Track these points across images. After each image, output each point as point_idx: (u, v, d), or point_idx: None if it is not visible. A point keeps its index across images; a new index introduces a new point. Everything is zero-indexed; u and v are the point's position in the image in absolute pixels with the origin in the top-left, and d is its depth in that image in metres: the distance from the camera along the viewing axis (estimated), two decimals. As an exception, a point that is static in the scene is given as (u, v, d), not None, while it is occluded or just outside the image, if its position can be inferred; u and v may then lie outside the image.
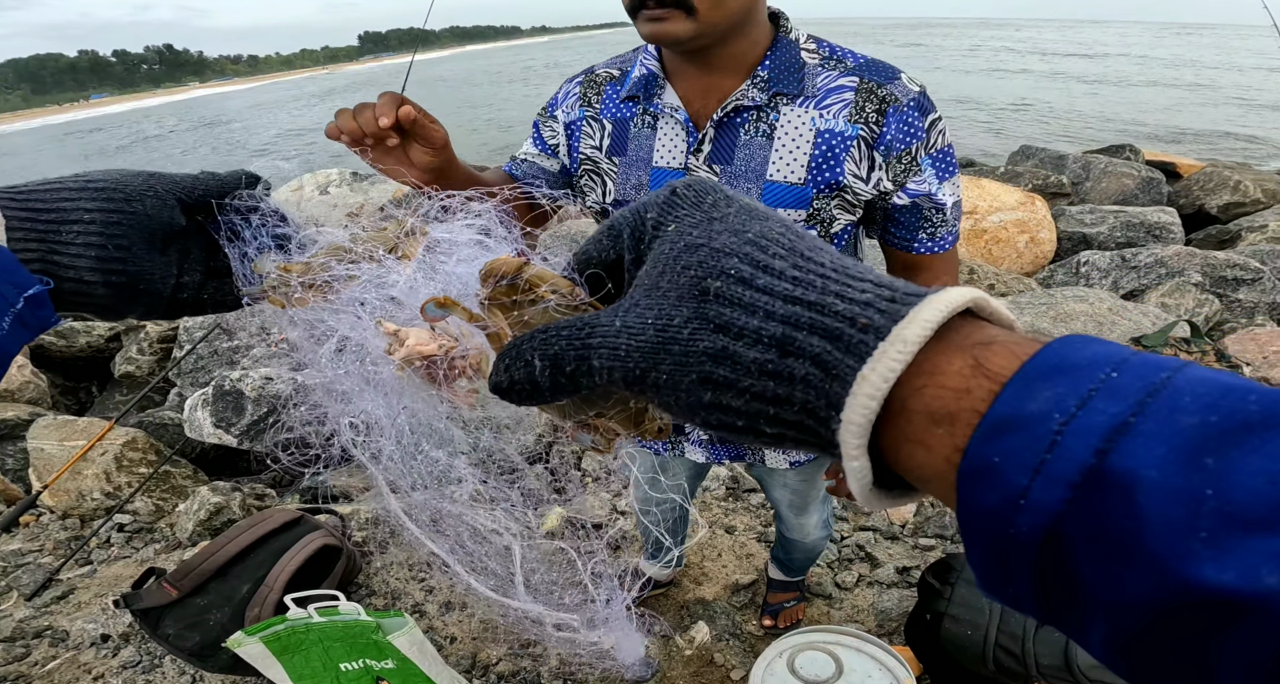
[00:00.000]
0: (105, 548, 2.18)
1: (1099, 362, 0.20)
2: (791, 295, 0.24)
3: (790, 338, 0.24)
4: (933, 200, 0.90)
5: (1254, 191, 4.71)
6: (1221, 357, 2.28)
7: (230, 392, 2.42)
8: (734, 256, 0.26)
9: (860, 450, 0.23)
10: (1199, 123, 13.88)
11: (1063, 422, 0.19)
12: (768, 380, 0.24)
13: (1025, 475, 0.19)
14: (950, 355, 0.22)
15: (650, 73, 0.92)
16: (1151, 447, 0.18)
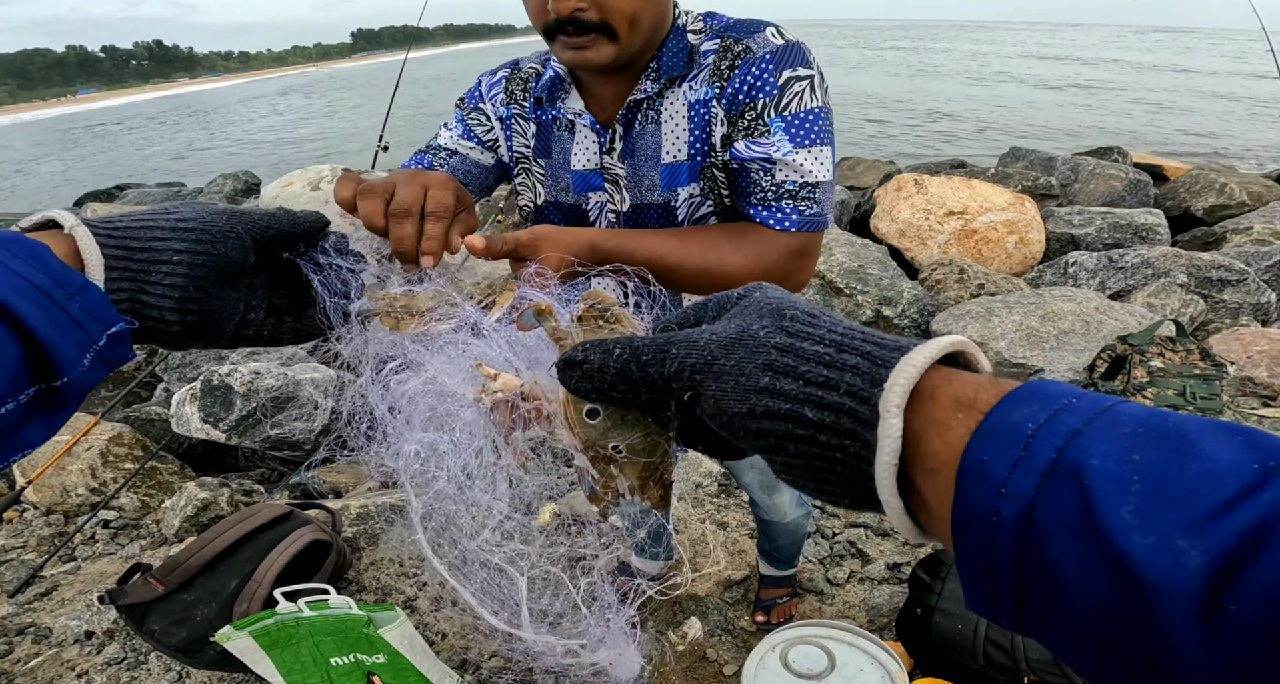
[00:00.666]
0: (90, 544, 2.16)
1: (1065, 393, 0.26)
2: (849, 326, 0.32)
3: (847, 342, 0.31)
4: (771, 170, 0.80)
5: (1239, 194, 4.78)
6: (1206, 356, 2.31)
7: (219, 386, 2.39)
8: (807, 307, 0.34)
9: (899, 410, 0.28)
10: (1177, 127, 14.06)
11: (1034, 428, 0.25)
12: (822, 368, 0.30)
13: (1006, 469, 0.24)
14: (967, 373, 0.30)
15: (557, 76, 0.91)
16: (1097, 445, 0.23)
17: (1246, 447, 0.22)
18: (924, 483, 0.28)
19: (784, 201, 0.82)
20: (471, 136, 0.99)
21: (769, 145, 0.80)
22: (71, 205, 8.99)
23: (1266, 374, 2.70)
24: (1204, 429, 0.23)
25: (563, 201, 0.97)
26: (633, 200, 0.92)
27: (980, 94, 21.06)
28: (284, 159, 16.44)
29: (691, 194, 0.90)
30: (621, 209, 0.94)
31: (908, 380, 0.28)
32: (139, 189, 9.05)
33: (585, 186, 0.94)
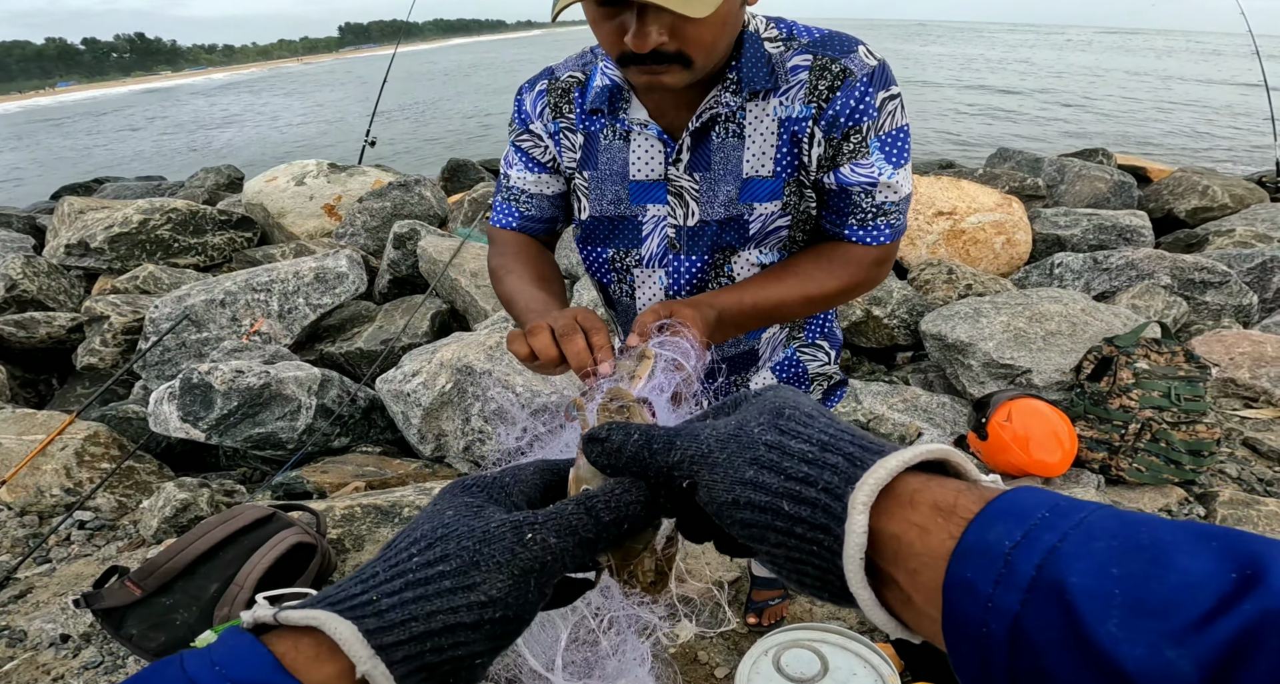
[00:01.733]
0: (65, 546, 2.10)
1: (1039, 505, 0.27)
2: (842, 427, 0.34)
3: (833, 442, 0.33)
4: (871, 191, 0.84)
5: (1222, 197, 4.84)
6: (1191, 357, 2.33)
7: (198, 384, 2.34)
8: (809, 407, 0.36)
9: (865, 507, 0.29)
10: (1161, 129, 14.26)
11: (1011, 546, 0.26)
12: (804, 465, 0.32)
13: (990, 585, 0.25)
14: (948, 479, 0.31)
15: (614, 84, 0.88)
16: (1074, 562, 0.24)
17: (1222, 554, 0.23)
18: (906, 581, 0.29)
19: (879, 219, 0.86)
20: (533, 165, 0.96)
21: (870, 167, 0.83)
22: (49, 199, 8.80)
23: (1248, 375, 2.73)
24: (1179, 539, 0.24)
25: (611, 215, 0.93)
26: (703, 216, 0.89)
27: (970, 93, 21.25)
28: (268, 153, 16.23)
29: (770, 210, 0.88)
30: (684, 224, 0.90)
31: (876, 481, 0.29)
32: (117, 182, 8.87)
33: (645, 198, 0.91)
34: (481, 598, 0.31)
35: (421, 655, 0.30)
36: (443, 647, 0.30)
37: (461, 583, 0.31)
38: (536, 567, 0.33)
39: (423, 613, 0.30)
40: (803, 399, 0.37)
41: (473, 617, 0.31)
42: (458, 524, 0.34)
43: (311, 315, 3.40)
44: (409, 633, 0.29)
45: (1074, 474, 2.23)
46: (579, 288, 3.37)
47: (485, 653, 0.32)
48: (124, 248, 4.37)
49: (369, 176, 5.54)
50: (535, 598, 0.34)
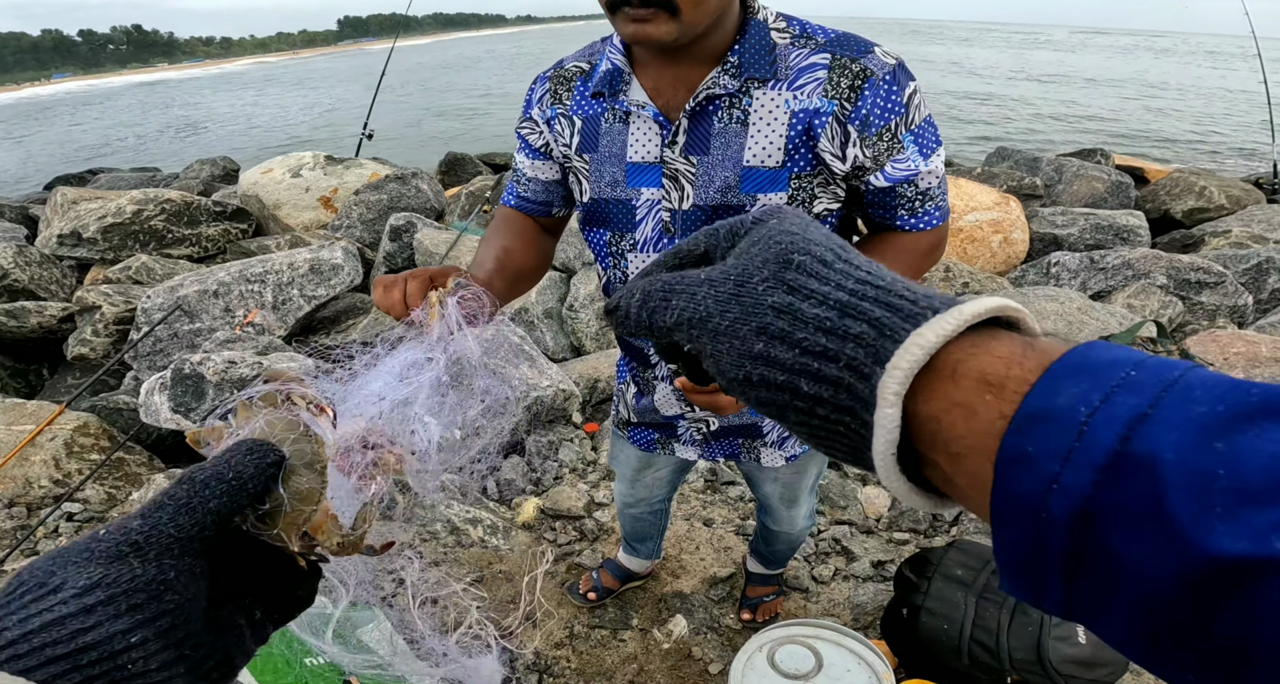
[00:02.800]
0: (53, 538, 2.08)
1: (1120, 362, 0.22)
2: (863, 278, 0.28)
3: (853, 304, 0.27)
4: (914, 181, 0.87)
5: (1219, 197, 4.85)
6: (1186, 357, 2.33)
7: (190, 375, 2.32)
8: (821, 246, 0.30)
9: (897, 398, 0.25)
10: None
11: (1089, 413, 0.21)
12: (821, 336, 0.27)
13: (1057, 462, 0.21)
14: (1000, 338, 0.25)
15: (615, 67, 0.89)
16: (1169, 433, 0.20)
17: None
18: (948, 466, 0.25)
19: (927, 204, 0.90)
20: (529, 151, 1.01)
21: (907, 160, 0.86)
22: (42, 189, 8.73)
23: (1243, 375, 2.74)
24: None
25: (609, 198, 0.94)
26: (697, 200, 0.89)
27: (971, 90, 21.25)
28: (264, 145, 16.14)
29: (775, 203, 0.87)
30: (679, 208, 0.91)
31: (911, 364, 0.25)
32: (111, 173, 8.80)
33: (639, 181, 0.92)
34: (73, 591, 0.29)
35: (41, 650, 0.28)
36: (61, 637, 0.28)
37: (44, 591, 0.29)
38: (124, 550, 0.31)
39: (13, 623, 0.28)
40: (813, 233, 0.31)
41: (73, 607, 0.29)
42: (29, 566, 0.32)
43: (306, 307, 3.38)
44: (4, 640, 0.28)
45: (1069, 473, 2.23)
46: (576, 281, 3.35)
47: (131, 630, 0.29)
48: (117, 238, 4.34)
49: (366, 169, 5.50)
50: (154, 570, 0.31)
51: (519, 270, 0.96)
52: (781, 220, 0.32)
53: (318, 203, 5.20)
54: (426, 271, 0.74)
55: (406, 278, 0.73)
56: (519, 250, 0.98)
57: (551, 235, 1.09)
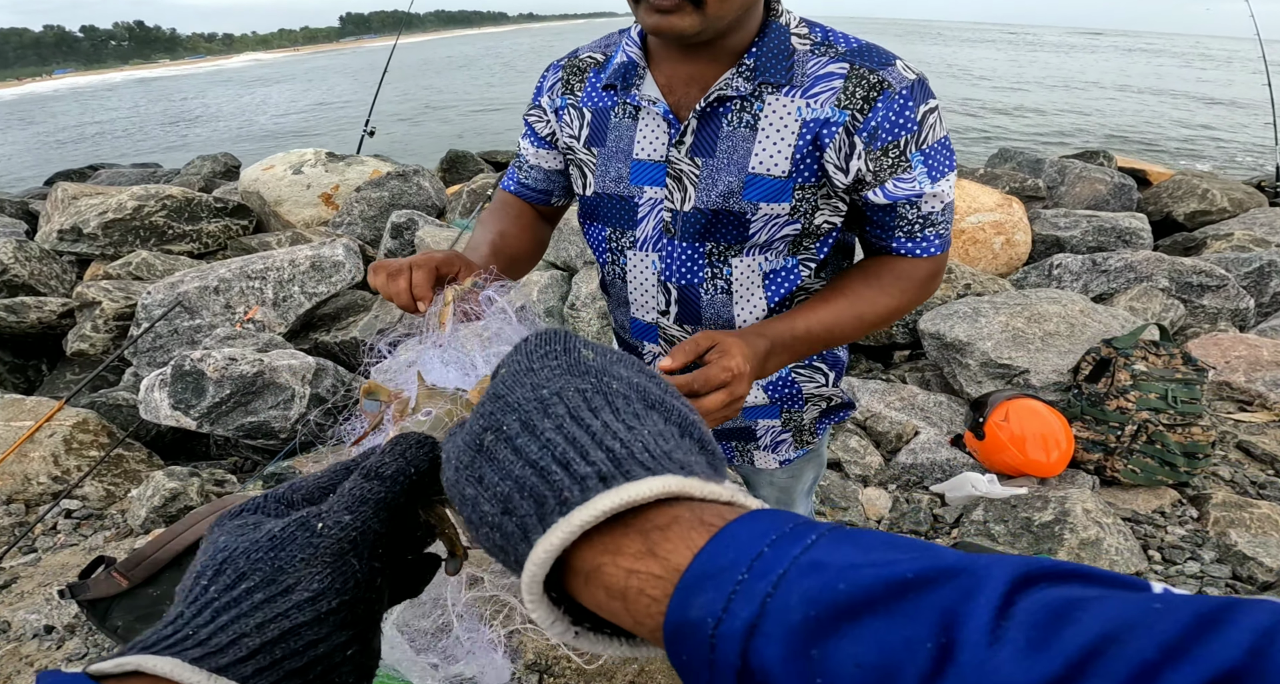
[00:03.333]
0: (51, 535, 2.08)
1: (739, 563, 0.23)
2: (531, 459, 0.28)
3: (511, 499, 0.28)
4: (916, 203, 0.84)
5: (1221, 200, 4.84)
6: (1188, 360, 2.32)
7: (190, 372, 2.31)
8: (514, 413, 0.30)
9: (535, 604, 0.26)
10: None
11: (714, 626, 0.22)
12: (495, 533, 0.28)
13: (705, 670, 0.22)
14: (629, 537, 0.26)
15: (630, 61, 0.87)
16: (773, 646, 0.21)
17: (918, 616, 0.20)
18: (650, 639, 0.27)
19: (927, 230, 0.86)
20: (535, 138, 1.00)
21: (912, 180, 0.83)
22: (43, 184, 8.71)
23: (1244, 379, 2.73)
24: (874, 597, 0.21)
25: (612, 193, 0.93)
26: (698, 203, 0.87)
27: (973, 92, 21.23)
28: (265, 141, 16.11)
29: (777, 212, 0.86)
30: (680, 209, 0.89)
31: (531, 580, 0.26)
32: (112, 169, 8.79)
33: (643, 178, 0.90)
34: (306, 594, 0.30)
35: (279, 665, 0.29)
36: (297, 649, 0.29)
37: (275, 591, 0.30)
38: (345, 547, 0.32)
39: (251, 627, 0.29)
40: (517, 389, 0.31)
41: (308, 614, 0.30)
42: (236, 544, 0.32)
43: (307, 304, 3.38)
44: (246, 649, 0.28)
45: (1070, 475, 2.22)
46: (577, 280, 3.34)
47: (350, 642, 0.31)
48: (117, 234, 4.33)
49: (367, 166, 5.50)
50: (367, 574, 0.32)
51: (514, 256, 0.95)
52: (505, 372, 0.33)
53: (319, 199, 5.19)
54: (432, 260, 0.72)
55: (411, 266, 0.71)
56: (515, 235, 0.98)
57: (548, 223, 1.08)
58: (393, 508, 0.34)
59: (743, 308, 0.95)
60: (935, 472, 2.26)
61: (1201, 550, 1.92)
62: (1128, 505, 2.12)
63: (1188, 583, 1.81)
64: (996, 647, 0.18)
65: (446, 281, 0.73)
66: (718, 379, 0.71)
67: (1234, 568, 1.86)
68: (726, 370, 0.71)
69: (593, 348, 0.34)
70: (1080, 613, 0.18)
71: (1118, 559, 1.81)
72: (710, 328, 0.97)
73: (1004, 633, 0.19)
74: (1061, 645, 0.18)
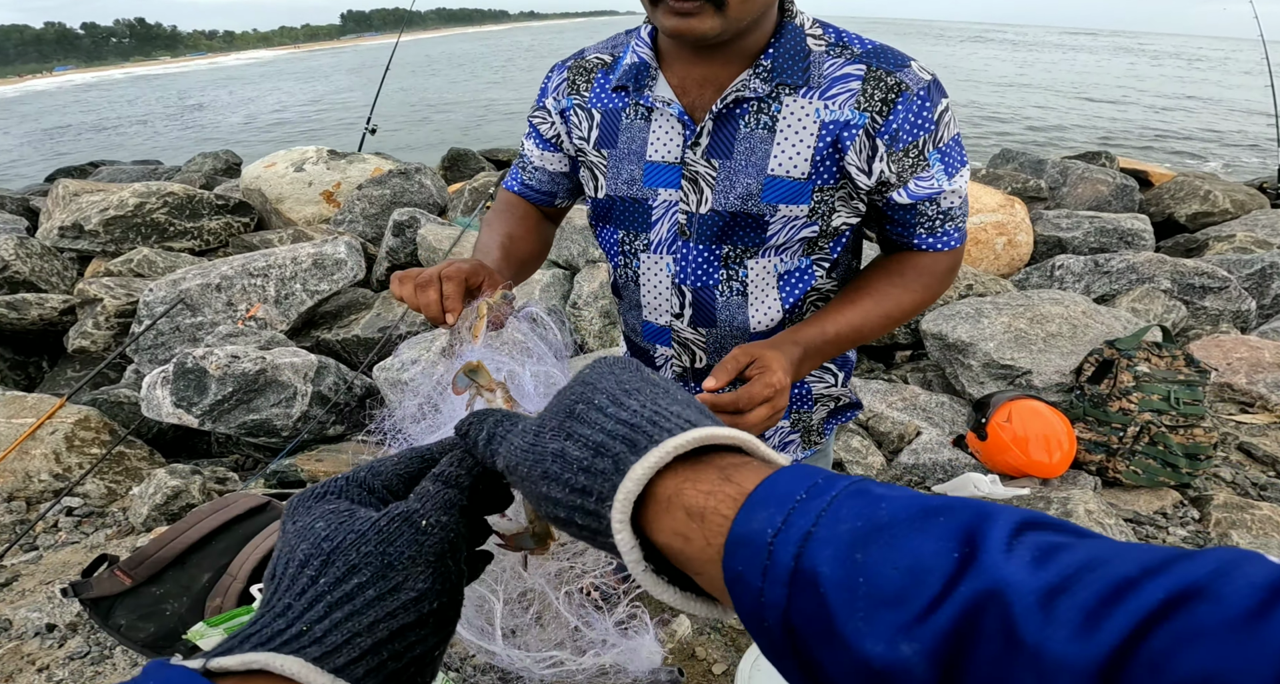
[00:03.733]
0: (52, 533, 2.08)
1: (795, 489, 0.27)
2: (621, 417, 0.32)
3: (605, 443, 0.31)
4: (936, 200, 0.86)
5: (1223, 202, 4.84)
6: (1191, 361, 2.32)
7: (193, 369, 2.31)
8: (602, 392, 0.34)
9: (623, 525, 0.29)
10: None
11: (773, 535, 0.26)
12: (581, 475, 0.31)
13: (759, 578, 0.26)
14: (707, 470, 0.30)
15: (642, 62, 0.86)
16: (824, 549, 0.24)
17: (946, 533, 0.23)
18: (701, 581, 0.29)
19: (947, 224, 0.89)
20: (540, 140, 0.99)
21: (931, 178, 0.84)
22: (44, 181, 8.70)
23: (1245, 380, 2.73)
24: (911, 517, 0.24)
25: (625, 195, 0.92)
26: (716, 205, 0.87)
27: (979, 94, 21.21)
28: (267, 139, 16.10)
29: (796, 214, 0.86)
30: (696, 211, 0.88)
31: (625, 497, 0.29)
32: (113, 165, 8.77)
33: (657, 181, 0.89)
34: (412, 594, 0.31)
35: (384, 666, 0.30)
36: (400, 652, 0.30)
37: (386, 588, 0.31)
38: (445, 548, 0.34)
39: (363, 627, 0.30)
40: (604, 380, 0.35)
41: (413, 615, 0.31)
42: (340, 534, 0.33)
43: (309, 301, 3.37)
44: (359, 650, 0.29)
45: (1071, 476, 2.22)
46: (579, 279, 3.34)
47: (441, 642, 0.33)
48: (118, 231, 4.32)
49: (369, 164, 5.49)
50: (458, 576, 0.34)
51: (523, 258, 0.96)
52: (591, 370, 0.36)
53: (320, 197, 5.19)
54: (461, 272, 0.72)
55: (441, 278, 0.71)
56: (522, 237, 0.98)
57: (552, 223, 1.08)
58: (470, 514, 0.37)
59: (757, 310, 0.95)
60: (937, 472, 2.26)
61: (1204, 552, 1.92)
62: (1129, 506, 2.12)
63: (1190, 585, 1.81)
64: (1009, 556, 0.22)
65: (474, 293, 0.73)
66: (761, 395, 0.73)
67: (1236, 570, 1.86)
68: (769, 386, 0.74)
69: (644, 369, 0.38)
70: (1074, 545, 0.22)
71: (1120, 561, 1.81)
72: (724, 331, 0.97)
73: (1014, 550, 0.22)
74: (1059, 563, 0.22)
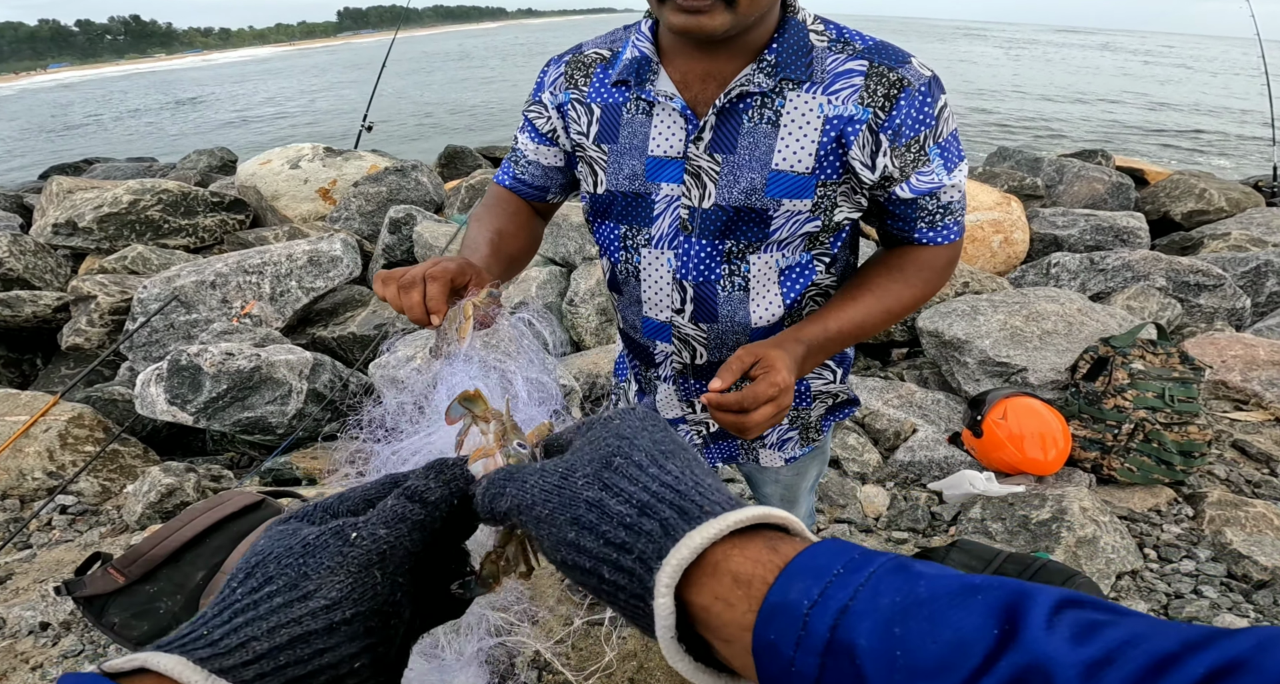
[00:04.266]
0: (46, 531, 2.07)
1: (834, 562, 0.28)
2: (667, 481, 0.32)
3: (651, 504, 0.31)
4: (937, 194, 0.87)
5: (1218, 200, 4.85)
6: (1185, 359, 2.33)
7: (187, 367, 2.30)
8: (640, 450, 0.34)
9: (669, 590, 0.29)
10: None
11: (809, 606, 0.26)
12: (621, 530, 0.31)
13: (791, 648, 0.26)
14: (754, 541, 0.30)
15: (643, 56, 0.86)
16: (862, 621, 0.25)
17: (986, 610, 0.24)
18: (723, 649, 0.30)
19: (947, 218, 0.90)
20: (535, 134, 0.98)
21: (931, 174, 0.85)
22: (38, 178, 8.65)
23: (1240, 378, 2.74)
24: (951, 594, 0.25)
25: (626, 190, 0.92)
26: (719, 199, 0.87)
27: (976, 92, 21.23)
28: (262, 136, 16.04)
29: (799, 209, 0.86)
30: (699, 206, 0.88)
31: (679, 562, 0.29)
32: (107, 163, 8.73)
33: (660, 175, 0.89)
34: (323, 602, 0.31)
35: (283, 670, 0.29)
36: (303, 657, 0.29)
37: (295, 595, 0.31)
38: (373, 559, 0.33)
39: (262, 632, 0.29)
40: (640, 437, 0.35)
41: (321, 622, 0.30)
42: (273, 548, 0.33)
43: (304, 299, 3.36)
44: (253, 653, 0.29)
45: (1066, 473, 2.23)
46: (576, 276, 3.34)
47: (358, 654, 0.31)
48: (113, 228, 4.30)
49: (365, 161, 5.47)
50: (388, 589, 0.33)
51: (513, 255, 0.95)
52: (620, 425, 0.36)
53: (316, 194, 5.17)
54: (447, 273, 0.70)
55: (425, 278, 0.69)
56: (512, 233, 0.97)
57: (543, 219, 1.07)
58: (429, 531, 0.35)
59: (759, 305, 0.95)
60: (933, 469, 2.26)
61: (1197, 549, 1.92)
62: (1124, 504, 2.13)
63: (1183, 581, 1.81)
64: (1050, 632, 0.22)
65: (460, 292, 0.71)
66: (766, 394, 0.74)
67: (1229, 566, 1.86)
68: (774, 386, 0.74)
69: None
70: (1115, 622, 0.23)
71: (1114, 557, 1.81)
72: (725, 326, 0.97)
73: (1055, 627, 0.23)
74: (1101, 639, 0.22)
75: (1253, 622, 1.67)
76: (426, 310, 0.68)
